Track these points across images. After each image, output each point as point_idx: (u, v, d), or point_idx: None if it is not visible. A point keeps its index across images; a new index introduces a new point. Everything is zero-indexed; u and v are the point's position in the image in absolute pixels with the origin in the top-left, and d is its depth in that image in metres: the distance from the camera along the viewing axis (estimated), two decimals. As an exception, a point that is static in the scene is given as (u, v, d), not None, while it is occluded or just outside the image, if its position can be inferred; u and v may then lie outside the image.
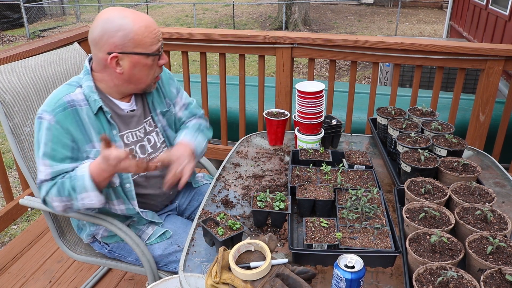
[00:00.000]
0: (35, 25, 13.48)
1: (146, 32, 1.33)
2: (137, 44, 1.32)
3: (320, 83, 1.72)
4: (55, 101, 1.35)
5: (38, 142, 1.36)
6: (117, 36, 1.30)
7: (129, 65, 1.35)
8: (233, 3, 14.50)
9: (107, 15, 1.33)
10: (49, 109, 1.34)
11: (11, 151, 2.63)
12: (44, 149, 1.34)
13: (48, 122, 1.33)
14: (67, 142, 1.35)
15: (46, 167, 1.35)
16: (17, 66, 1.62)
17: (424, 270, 1.01)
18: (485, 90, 2.48)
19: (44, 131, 1.34)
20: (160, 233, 1.55)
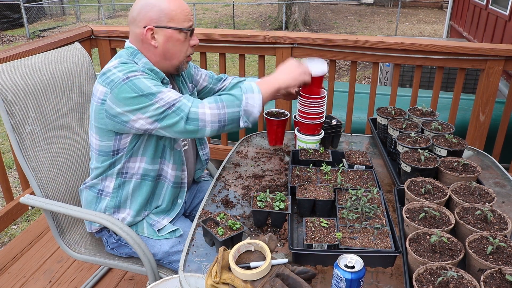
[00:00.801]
0: (35, 25, 13.48)
1: (179, 9, 1.41)
2: (171, 19, 1.40)
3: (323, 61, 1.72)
4: (130, 66, 1.38)
5: (143, 89, 1.32)
6: (153, 11, 1.39)
7: (163, 39, 1.42)
8: (233, 3, 14.50)
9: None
10: (132, 69, 1.36)
11: (12, 150, 2.62)
12: (157, 88, 1.34)
13: (141, 75, 1.35)
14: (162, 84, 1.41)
15: (171, 92, 1.35)
16: (19, 65, 1.62)
17: (424, 270, 1.01)
18: (485, 90, 2.48)
19: (144, 80, 1.34)
20: (171, 230, 1.56)
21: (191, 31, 1.46)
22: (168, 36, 1.42)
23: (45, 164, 1.63)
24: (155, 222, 1.57)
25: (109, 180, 1.53)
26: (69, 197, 1.69)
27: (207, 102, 1.35)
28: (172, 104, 1.33)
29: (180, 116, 1.32)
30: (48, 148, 1.66)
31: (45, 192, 1.61)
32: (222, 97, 1.36)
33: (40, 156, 1.62)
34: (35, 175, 1.59)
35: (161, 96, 1.33)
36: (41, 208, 1.59)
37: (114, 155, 1.49)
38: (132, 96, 1.32)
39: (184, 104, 1.33)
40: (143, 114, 1.33)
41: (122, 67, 1.38)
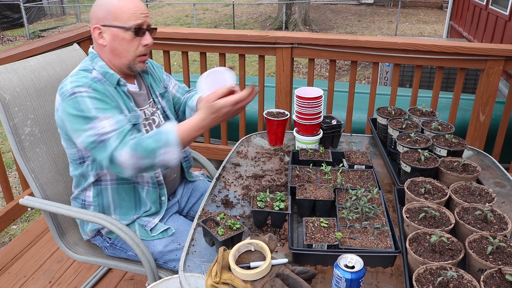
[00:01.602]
0: (35, 25, 13.48)
1: (125, 8, 1.40)
2: (115, 18, 1.40)
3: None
4: (81, 77, 1.39)
5: (86, 109, 1.34)
6: (101, 10, 1.41)
7: (110, 38, 1.43)
8: (233, 3, 14.50)
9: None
10: (80, 84, 1.36)
11: (11, 151, 2.62)
12: (96, 111, 1.34)
13: (86, 93, 1.35)
14: (111, 102, 1.40)
15: (108, 120, 1.34)
16: (17, 66, 1.62)
17: (424, 270, 1.01)
18: (485, 90, 2.48)
19: (87, 100, 1.35)
20: (163, 229, 1.56)
21: (138, 30, 1.43)
22: (113, 35, 1.42)
23: (44, 166, 1.63)
24: (146, 223, 1.57)
25: (88, 190, 1.55)
26: (68, 198, 1.69)
27: (129, 149, 1.32)
28: (101, 138, 1.33)
29: (105, 154, 1.33)
30: (47, 149, 1.66)
31: (44, 193, 1.61)
32: (142, 146, 1.32)
33: (39, 157, 1.62)
34: (34, 176, 1.59)
35: (96, 124, 1.33)
36: (40, 209, 1.59)
37: (82, 164, 1.50)
38: (73, 114, 1.35)
39: (110, 144, 1.32)
40: (78, 137, 1.36)
41: (74, 77, 1.39)
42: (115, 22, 1.40)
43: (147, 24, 1.46)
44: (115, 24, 1.41)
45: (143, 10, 1.44)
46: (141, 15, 1.43)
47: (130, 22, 1.41)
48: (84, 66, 1.47)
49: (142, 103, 1.57)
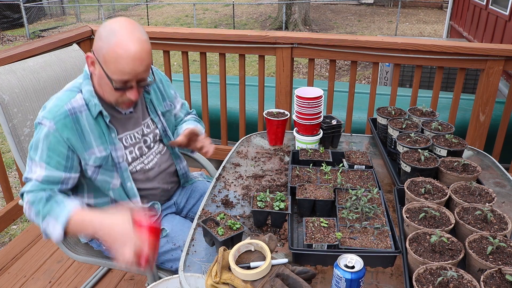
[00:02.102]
0: (35, 25, 13.48)
1: (119, 58, 1.28)
2: (105, 61, 1.30)
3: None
4: (56, 109, 1.35)
5: (36, 145, 1.36)
6: (100, 42, 1.31)
7: (98, 73, 1.36)
8: (233, 3, 14.50)
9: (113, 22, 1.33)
10: (49, 116, 1.34)
11: (11, 151, 2.63)
12: (41, 154, 1.35)
13: (47, 129, 1.34)
14: (63, 150, 1.36)
15: (41, 169, 1.35)
16: (16, 67, 1.62)
17: (424, 270, 1.01)
18: (485, 90, 2.48)
19: (43, 137, 1.34)
20: None
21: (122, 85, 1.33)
22: (100, 75, 1.35)
23: (45, 164, 1.63)
24: None
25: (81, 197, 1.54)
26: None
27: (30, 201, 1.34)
28: (27, 177, 1.37)
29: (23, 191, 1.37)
30: (48, 148, 1.66)
31: (45, 192, 1.61)
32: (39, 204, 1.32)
33: (40, 156, 1.62)
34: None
35: (32, 164, 1.36)
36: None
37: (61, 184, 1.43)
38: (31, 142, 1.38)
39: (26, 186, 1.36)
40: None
41: (52, 103, 1.37)
42: (103, 65, 1.31)
43: (137, 80, 1.34)
44: (103, 67, 1.32)
45: (138, 70, 1.31)
46: (130, 74, 1.31)
47: (115, 76, 1.31)
48: (74, 85, 1.42)
49: (131, 126, 1.51)
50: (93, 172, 1.44)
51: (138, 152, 1.53)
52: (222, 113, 2.97)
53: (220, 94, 2.90)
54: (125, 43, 1.28)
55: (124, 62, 1.29)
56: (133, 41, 1.29)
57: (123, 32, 1.30)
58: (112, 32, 1.29)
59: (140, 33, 1.32)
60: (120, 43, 1.28)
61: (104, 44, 1.29)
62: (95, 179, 1.45)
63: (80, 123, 1.38)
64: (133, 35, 1.30)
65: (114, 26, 1.31)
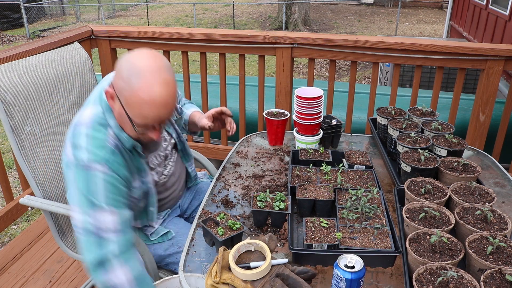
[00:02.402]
0: (35, 25, 13.48)
1: (143, 105, 1.16)
2: (127, 104, 1.19)
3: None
4: (101, 149, 1.24)
5: (94, 192, 1.21)
6: (121, 82, 1.18)
7: (118, 110, 1.24)
8: (233, 3, 14.49)
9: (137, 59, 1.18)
10: (98, 159, 1.22)
11: (11, 151, 2.62)
12: (106, 200, 1.22)
13: (103, 174, 1.22)
14: (124, 189, 1.28)
15: (112, 216, 1.21)
16: (17, 65, 1.62)
17: (424, 270, 1.01)
18: (485, 90, 2.48)
19: (101, 182, 1.21)
20: (162, 233, 1.55)
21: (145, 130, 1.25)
22: (120, 112, 1.23)
23: (45, 165, 1.63)
24: (145, 228, 1.56)
25: None
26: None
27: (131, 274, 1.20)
28: (99, 233, 1.20)
29: (96, 253, 1.19)
30: (48, 148, 1.66)
31: (44, 193, 1.61)
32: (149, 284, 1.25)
33: (40, 156, 1.62)
34: (35, 175, 1.59)
35: (99, 214, 1.20)
36: (40, 208, 1.59)
37: None
38: (81, 189, 1.21)
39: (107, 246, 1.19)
40: (76, 211, 1.22)
41: (92, 142, 1.24)
42: (125, 106, 1.19)
43: (159, 123, 1.24)
44: (124, 108, 1.20)
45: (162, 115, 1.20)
46: (154, 119, 1.21)
47: (137, 120, 1.20)
48: (99, 117, 1.28)
49: (154, 147, 1.47)
50: (132, 203, 1.38)
51: (160, 168, 1.51)
52: (222, 113, 2.96)
53: (220, 94, 2.90)
54: (150, 89, 1.15)
55: (148, 109, 1.17)
56: (159, 84, 1.15)
57: (148, 73, 1.15)
58: (136, 73, 1.15)
59: (167, 73, 1.18)
60: (145, 88, 1.14)
61: (126, 85, 1.16)
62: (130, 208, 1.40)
63: (125, 157, 1.30)
64: (159, 76, 1.16)
65: (137, 64, 1.16)
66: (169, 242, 1.54)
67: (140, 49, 1.21)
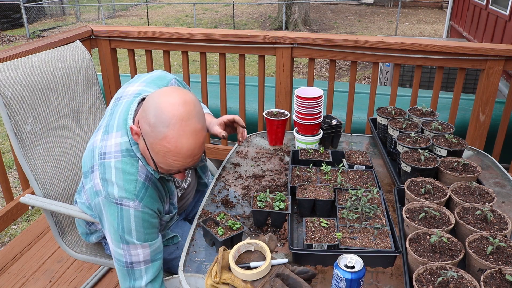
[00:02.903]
0: (35, 25, 13.47)
1: (168, 155, 1.11)
2: (152, 150, 1.14)
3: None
4: (133, 184, 1.21)
5: (127, 228, 1.21)
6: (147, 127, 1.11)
7: (142, 149, 1.20)
8: (233, 3, 14.49)
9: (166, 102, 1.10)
10: (130, 196, 1.20)
11: (12, 150, 2.63)
12: (138, 236, 1.22)
13: (134, 210, 1.20)
14: (156, 221, 1.28)
15: (144, 249, 1.25)
16: (19, 64, 1.62)
17: (424, 270, 1.01)
18: (485, 90, 2.48)
19: (133, 219, 1.21)
20: (168, 237, 1.55)
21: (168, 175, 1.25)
22: (145, 152, 1.19)
23: (45, 164, 1.63)
24: None
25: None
26: (69, 197, 1.69)
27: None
28: (130, 265, 1.25)
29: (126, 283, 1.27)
30: (48, 147, 1.66)
31: (45, 192, 1.61)
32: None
33: (40, 155, 1.62)
34: (35, 174, 1.59)
35: (130, 248, 1.23)
36: (41, 207, 1.58)
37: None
38: (113, 224, 1.21)
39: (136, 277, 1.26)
40: (110, 242, 1.26)
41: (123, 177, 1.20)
42: (150, 151, 1.14)
43: (184, 168, 1.19)
44: (149, 151, 1.15)
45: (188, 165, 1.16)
46: (179, 168, 1.17)
47: (162, 166, 1.16)
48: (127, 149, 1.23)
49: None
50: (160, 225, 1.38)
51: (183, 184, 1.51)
52: (222, 113, 2.97)
53: (220, 94, 2.90)
54: (177, 140, 1.08)
55: (174, 159, 1.12)
56: (187, 135, 1.09)
57: (176, 122, 1.08)
58: (163, 120, 1.08)
59: (196, 121, 1.11)
60: (171, 138, 1.08)
61: (152, 132, 1.10)
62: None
63: (157, 186, 1.28)
64: (188, 127, 1.09)
65: (165, 109, 1.08)
66: (174, 246, 1.54)
67: (170, 90, 1.13)
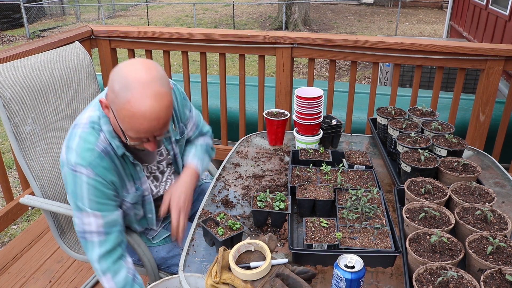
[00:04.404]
0: (35, 25, 13.48)
1: (133, 119, 1.13)
2: (119, 118, 1.17)
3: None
4: (89, 153, 1.25)
5: (80, 195, 1.25)
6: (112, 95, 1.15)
7: (112, 121, 1.26)
8: (233, 3, 14.49)
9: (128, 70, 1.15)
10: (84, 162, 1.23)
11: (11, 151, 2.62)
12: (90, 204, 1.26)
13: (87, 177, 1.24)
14: (111, 192, 1.30)
15: (97, 218, 1.27)
16: (18, 65, 1.62)
17: (424, 270, 1.01)
18: (485, 90, 2.48)
19: (85, 186, 1.25)
20: (165, 236, 1.55)
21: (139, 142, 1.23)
22: (114, 123, 1.24)
23: (45, 164, 1.63)
24: (147, 230, 1.56)
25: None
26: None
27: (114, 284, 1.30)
28: (84, 235, 1.29)
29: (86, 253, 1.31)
30: (48, 148, 1.66)
31: (45, 193, 1.61)
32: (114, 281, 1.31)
33: (40, 156, 1.62)
34: (35, 175, 1.59)
35: (83, 216, 1.27)
36: (41, 208, 1.59)
37: None
38: (69, 190, 1.27)
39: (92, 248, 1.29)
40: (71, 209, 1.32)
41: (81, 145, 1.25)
42: (118, 119, 1.18)
43: (154, 136, 1.21)
44: (117, 120, 1.19)
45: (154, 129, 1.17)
46: (146, 133, 1.18)
47: (130, 133, 1.18)
48: (93, 122, 1.29)
49: (149, 160, 1.45)
50: (127, 208, 1.41)
51: (155, 180, 1.49)
52: (222, 113, 2.97)
53: (220, 94, 2.90)
54: (140, 101, 1.11)
55: (139, 123, 1.13)
56: (149, 97, 1.12)
57: (138, 85, 1.12)
58: (125, 85, 1.12)
59: (159, 84, 1.14)
60: (134, 101, 1.11)
61: (116, 99, 1.14)
62: (127, 214, 1.43)
63: (115, 162, 1.30)
64: (150, 88, 1.12)
65: (128, 76, 1.13)
66: (172, 244, 1.55)
67: (134, 59, 1.19)
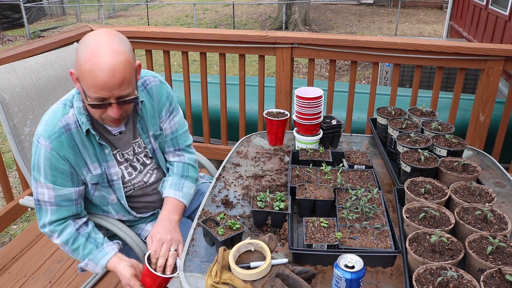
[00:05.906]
0: (35, 25, 13.48)
1: (91, 72, 1.18)
2: (81, 77, 1.22)
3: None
4: (51, 126, 1.31)
5: (37, 165, 1.34)
6: (77, 57, 1.22)
7: (78, 88, 1.30)
8: (233, 3, 14.49)
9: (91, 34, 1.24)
10: (45, 135, 1.31)
11: (11, 151, 2.62)
12: (45, 175, 1.34)
13: (44, 149, 1.31)
14: (65, 168, 1.35)
15: (49, 190, 1.35)
16: (17, 66, 1.62)
17: (424, 270, 1.01)
18: (485, 90, 2.48)
19: (42, 157, 1.32)
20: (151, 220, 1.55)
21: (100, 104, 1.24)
22: (79, 89, 1.29)
23: (45, 164, 1.63)
24: (140, 231, 1.57)
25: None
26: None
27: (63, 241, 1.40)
28: (37, 202, 1.38)
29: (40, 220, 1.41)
30: (48, 148, 1.66)
31: (45, 192, 1.61)
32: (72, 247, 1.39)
33: (40, 156, 1.62)
34: (35, 175, 1.59)
35: (37, 185, 1.36)
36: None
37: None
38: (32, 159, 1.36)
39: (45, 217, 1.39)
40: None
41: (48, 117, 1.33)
42: (80, 81, 1.23)
43: (116, 97, 1.23)
44: (80, 82, 1.24)
45: (111, 83, 1.19)
46: (104, 89, 1.20)
47: (90, 92, 1.22)
48: (67, 99, 1.36)
49: (122, 147, 1.45)
50: (90, 188, 1.42)
51: (132, 169, 1.49)
52: (222, 113, 2.97)
53: (220, 94, 2.90)
54: (97, 55, 1.18)
55: (95, 75, 1.18)
56: (106, 52, 1.18)
57: (97, 43, 1.20)
58: (86, 45, 1.20)
59: (118, 44, 1.21)
60: (92, 55, 1.18)
61: (78, 58, 1.21)
62: (93, 195, 1.44)
63: (75, 140, 1.34)
64: (108, 45, 1.20)
65: (90, 38, 1.22)
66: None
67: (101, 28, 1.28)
